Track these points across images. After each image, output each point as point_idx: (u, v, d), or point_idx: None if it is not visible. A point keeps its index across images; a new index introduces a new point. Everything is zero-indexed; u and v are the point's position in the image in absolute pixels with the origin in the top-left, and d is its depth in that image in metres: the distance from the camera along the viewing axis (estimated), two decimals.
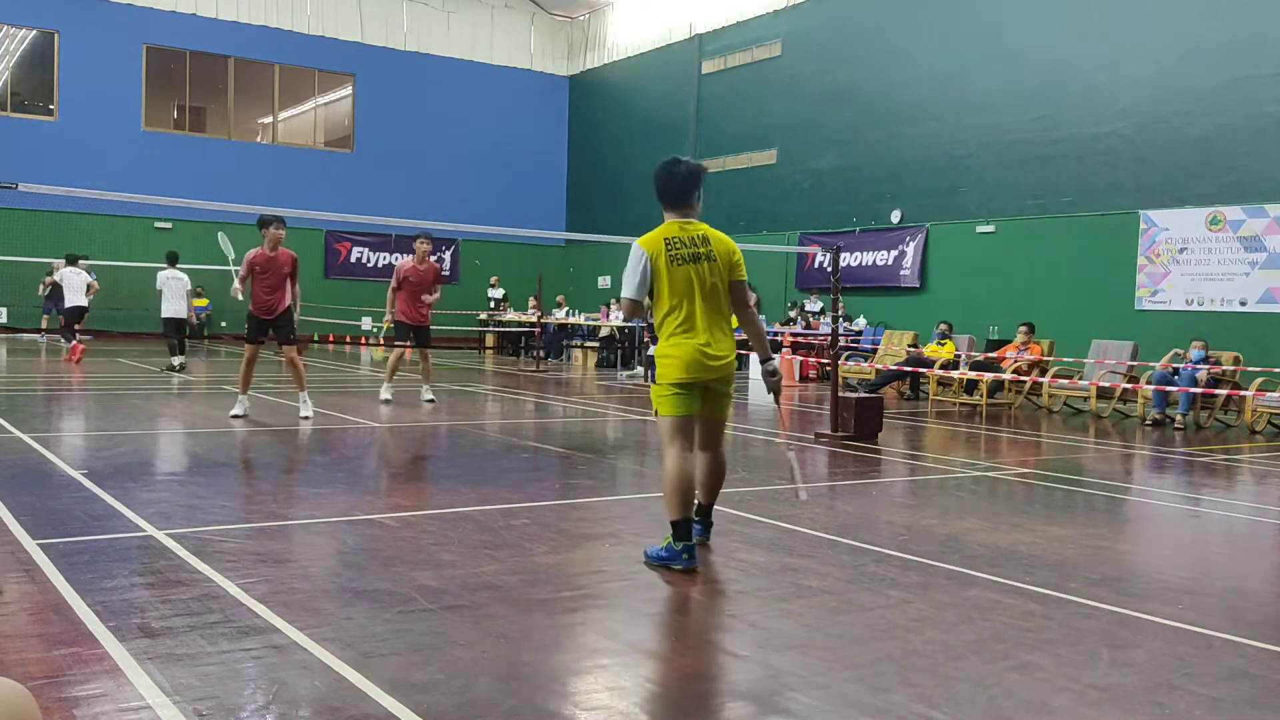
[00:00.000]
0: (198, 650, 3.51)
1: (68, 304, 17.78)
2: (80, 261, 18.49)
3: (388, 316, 12.58)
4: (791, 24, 23.31)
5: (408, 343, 12.47)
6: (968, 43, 19.35)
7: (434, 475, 7.55)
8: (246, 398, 10.57)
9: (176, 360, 16.21)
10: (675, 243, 5.01)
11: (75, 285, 17.76)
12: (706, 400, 5.06)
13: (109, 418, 10.54)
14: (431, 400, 12.49)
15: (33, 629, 3.72)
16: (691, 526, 4.94)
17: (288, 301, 10.37)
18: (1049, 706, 3.27)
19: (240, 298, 10.43)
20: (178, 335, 16.44)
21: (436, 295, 12.41)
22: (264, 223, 10.14)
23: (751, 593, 4.51)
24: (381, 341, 10.53)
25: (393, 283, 12.27)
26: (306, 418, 10.30)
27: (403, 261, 12.45)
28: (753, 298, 23.52)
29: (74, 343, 17.20)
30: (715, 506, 5.42)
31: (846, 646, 3.89)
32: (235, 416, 10.23)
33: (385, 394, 12.37)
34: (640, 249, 5.02)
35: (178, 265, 16.79)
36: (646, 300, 5.11)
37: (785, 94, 23.30)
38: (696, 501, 5.11)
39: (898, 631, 4.02)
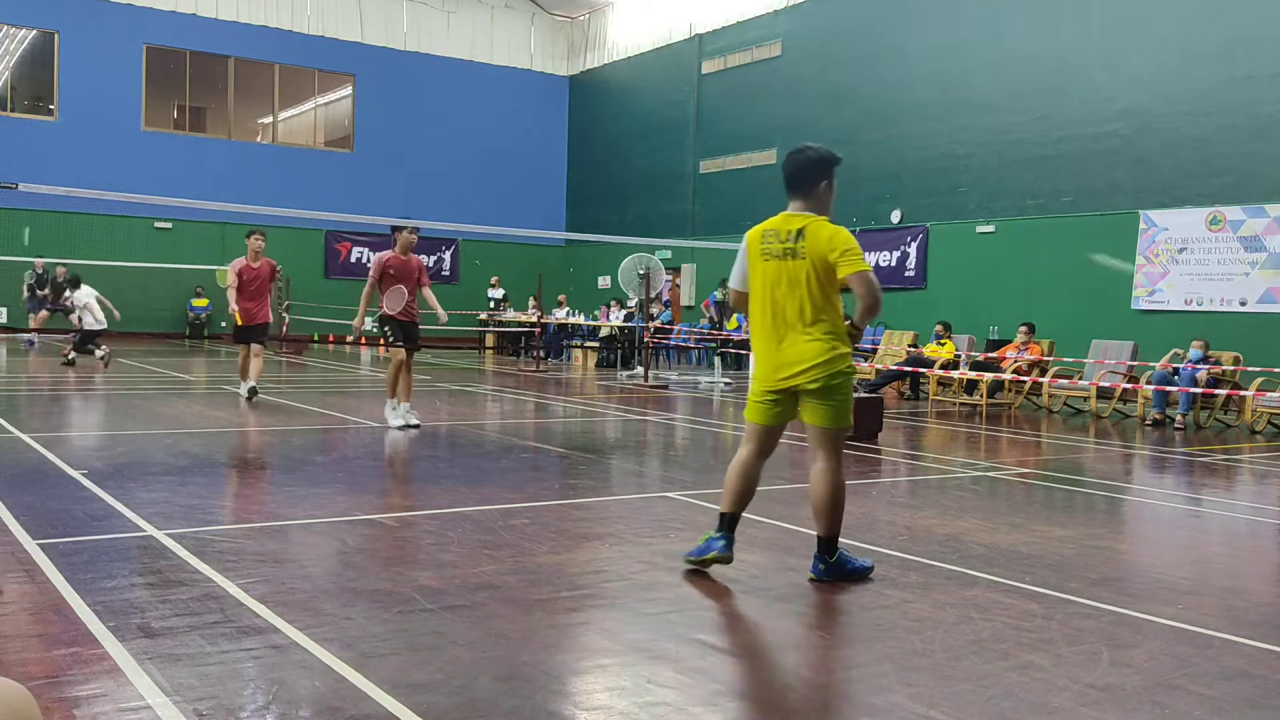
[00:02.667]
0: (198, 650, 3.51)
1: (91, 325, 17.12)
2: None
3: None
4: (791, 24, 23.31)
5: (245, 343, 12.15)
6: (968, 43, 19.35)
7: (434, 475, 7.55)
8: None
9: (73, 355, 16.43)
10: (770, 235, 4.66)
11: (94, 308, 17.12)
12: (802, 407, 4.70)
13: (109, 418, 10.54)
14: (251, 396, 11.80)
15: (33, 629, 3.72)
16: (733, 521, 4.77)
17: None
18: (1049, 706, 3.27)
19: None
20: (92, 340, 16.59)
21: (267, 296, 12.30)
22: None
23: (751, 593, 4.51)
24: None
25: (231, 279, 11.96)
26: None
27: (237, 261, 12.12)
28: None
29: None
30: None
31: (846, 646, 3.88)
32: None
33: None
34: (745, 237, 4.81)
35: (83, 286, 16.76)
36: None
37: (785, 94, 23.29)
38: (817, 534, 4.69)
39: (898, 631, 4.02)
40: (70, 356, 16.42)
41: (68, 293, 17.10)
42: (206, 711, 3.01)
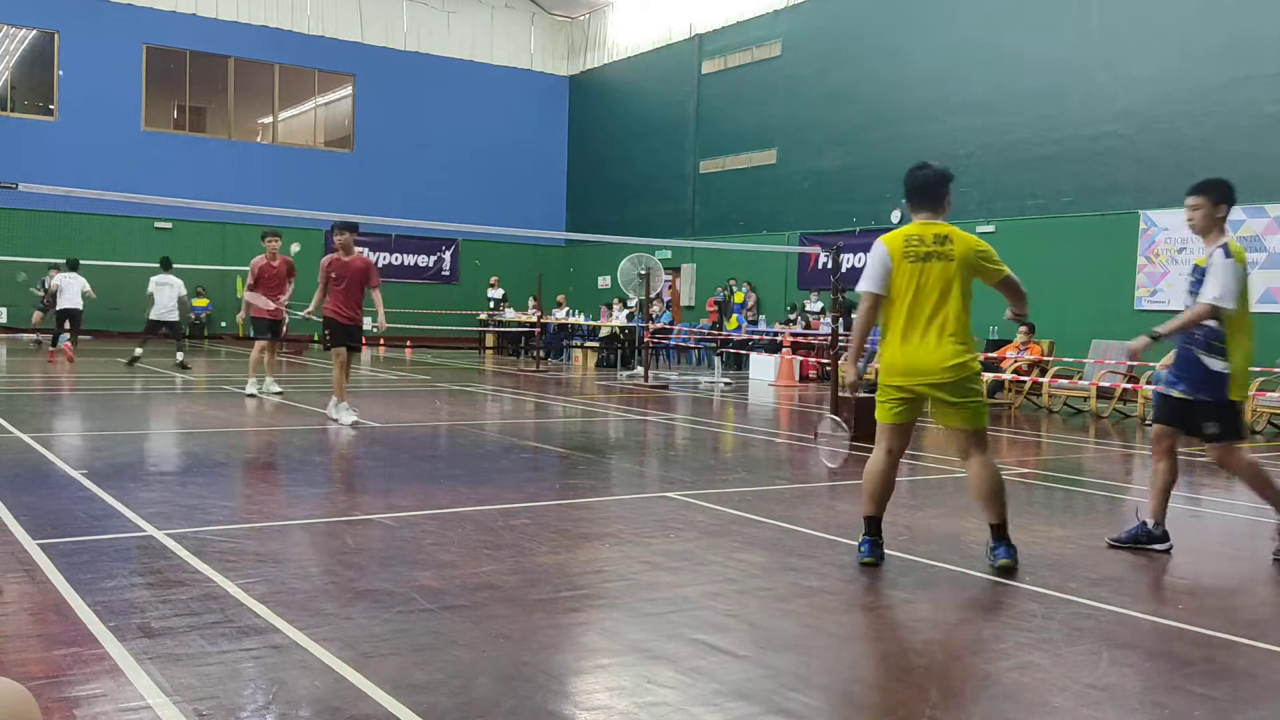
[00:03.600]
0: (198, 650, 3.51)
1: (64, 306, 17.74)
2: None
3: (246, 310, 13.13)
4: (791, 24, 23.30)
5: (266, 337, 12.64)
6: (968, 43, 19.34)
7: (434, 475, 7.55)
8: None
9: (181, 356, 16.92)
10: (914, 239, 4.97)
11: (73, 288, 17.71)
12: (938, 410, 4.95)
13: (109, 418, 10.54)
14: (279, 392, 12.70)
15: (33, 629, 3.72)
16: (878, 523, 5.02)
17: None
18: (1049, 706, 3.27)
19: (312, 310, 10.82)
20: (173, 335, 17.13)
21: (289, 292, 12.66)
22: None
23: (751, 593, 4.51)
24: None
25: (249, 280, 12.47)
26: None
27: (257, 260, 12.51)
28: (752, 299, 23.52)
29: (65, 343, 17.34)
30: (722, 508, 5.38)
31: (846, 646, 3.89)
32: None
33: (255, 389, 12.45)
34: (881, 244, 5.02)
35: (171, 270, 17.13)
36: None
37: (785, 94, 23.28)
38: (989, 523, 4.98)
39: (898, 631, 4.02)
40: (169, 358, 16.77)
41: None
42: (206, 711, 3.01)
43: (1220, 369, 5.29)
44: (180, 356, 16.91)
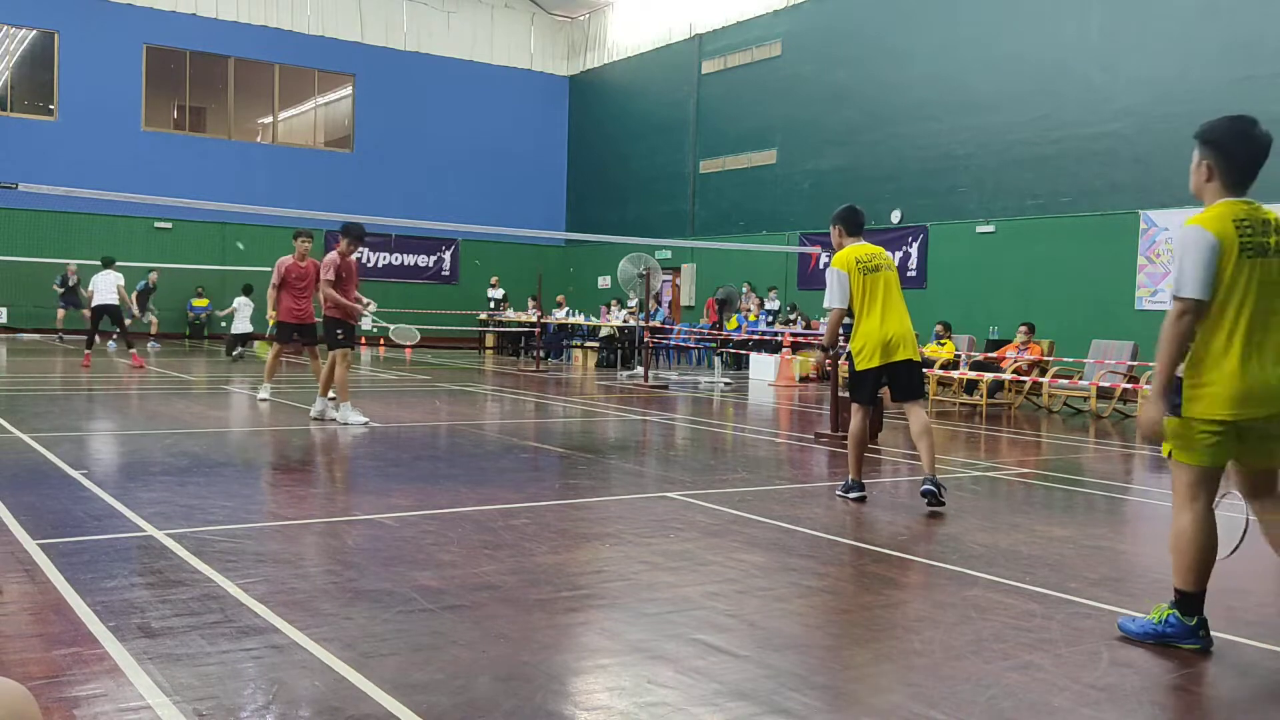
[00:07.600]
0: (198, 650, 3.51)
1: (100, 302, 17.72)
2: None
3: (270, 314, 11.88)
4: (791, 24, 23.31)
5: (290, 342, 11.94)
6: (967, 43, 19.35)
7: (434, 475, 7.55)
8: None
9: (236, 351, 19.49)
10: (1245, 226, 4.24)
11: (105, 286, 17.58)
12: (1260, 447, 3.86)
13: (109, 417, 10.54)
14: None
15: (33, 629, 3.72)
16: (1202, 601, 3.84)
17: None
18: (1049, 706, 3.27)
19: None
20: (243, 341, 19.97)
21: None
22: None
23: (751, 593, 4.51)
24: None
25: (274, 279, 11.62)
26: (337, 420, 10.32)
27: (284, 259, 11.72)
28: (753, 299, 23.53)
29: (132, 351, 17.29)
30: (722, 508, 5.36)
31: (846, 646, 3.88)
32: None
33: (266, 394, 11.94)
34: (1203, 231, 4.10)
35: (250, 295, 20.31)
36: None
37: (785, 94, 23.29)
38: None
39: (898, 631, 4.02)
40: (238, 352, 19.70)
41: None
42: (206, 711, 3.01)
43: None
44: (238, 352, 19.06)
